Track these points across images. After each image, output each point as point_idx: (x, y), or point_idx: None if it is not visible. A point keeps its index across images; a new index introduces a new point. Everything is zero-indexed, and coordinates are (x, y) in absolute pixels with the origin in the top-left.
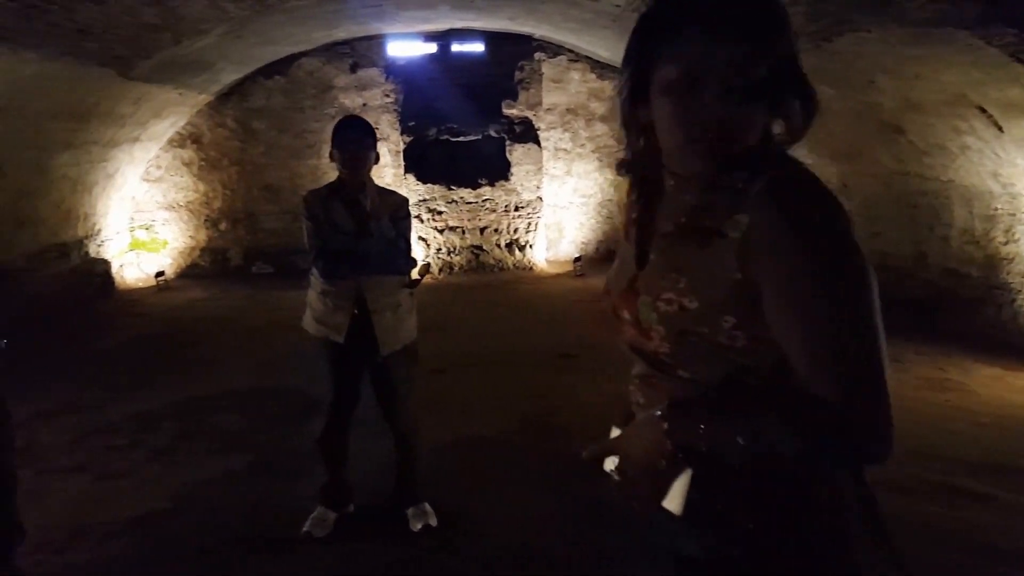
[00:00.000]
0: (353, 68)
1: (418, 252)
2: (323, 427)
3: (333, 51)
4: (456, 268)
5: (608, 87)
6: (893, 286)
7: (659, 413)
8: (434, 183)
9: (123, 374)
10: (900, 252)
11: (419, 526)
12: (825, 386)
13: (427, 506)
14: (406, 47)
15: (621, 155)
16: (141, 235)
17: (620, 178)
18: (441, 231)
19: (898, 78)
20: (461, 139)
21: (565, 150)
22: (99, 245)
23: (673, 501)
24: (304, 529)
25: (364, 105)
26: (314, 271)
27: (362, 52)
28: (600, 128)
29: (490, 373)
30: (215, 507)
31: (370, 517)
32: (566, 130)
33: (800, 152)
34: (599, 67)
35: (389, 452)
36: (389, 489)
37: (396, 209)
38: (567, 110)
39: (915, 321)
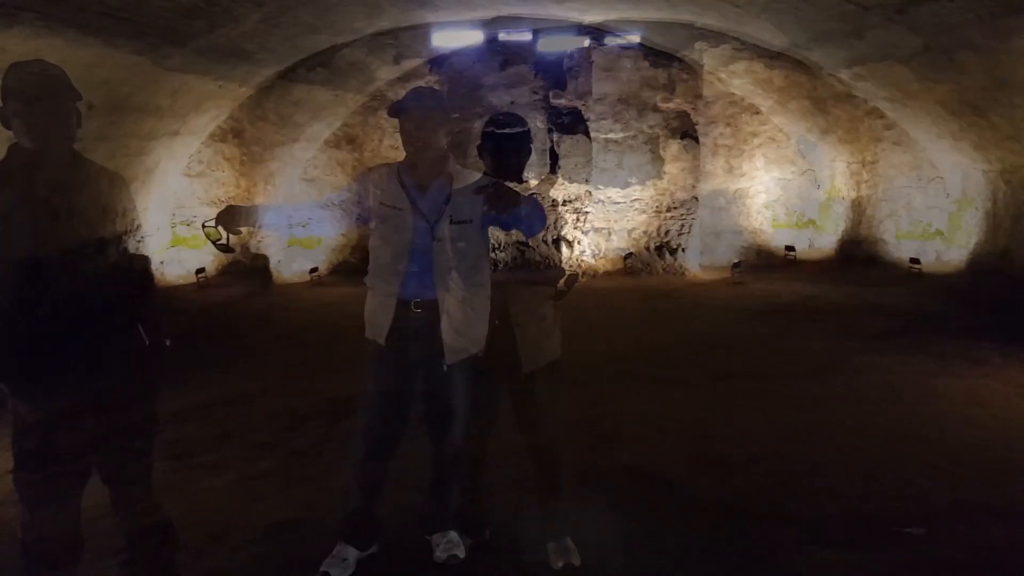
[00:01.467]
0: (503, 65)
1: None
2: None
3: (484, 49)
4: (601, 272)
5: (777, 77)
6: None
7: None
8: (580, 183)
9: (275, 369)
10: None
11: (560, 564)
12: None
13: (570, 542)
14: (557, 42)
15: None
16: (298, 232)
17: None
18: (586, 233)
19: None
20: (611, 136)
21: (727, 146)
22: (259, 241)
23: None
24: (435, 555)
25: (512, 103)
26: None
27: (513, 49)
28: (768, 121)
29: (638, 391)
30: None
31: (505, 546)
32: (728, 124)
33: None
34: (767, 56)
35: (527, 473)
36: (527, 515)
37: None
38: (730, 103)
39: None
